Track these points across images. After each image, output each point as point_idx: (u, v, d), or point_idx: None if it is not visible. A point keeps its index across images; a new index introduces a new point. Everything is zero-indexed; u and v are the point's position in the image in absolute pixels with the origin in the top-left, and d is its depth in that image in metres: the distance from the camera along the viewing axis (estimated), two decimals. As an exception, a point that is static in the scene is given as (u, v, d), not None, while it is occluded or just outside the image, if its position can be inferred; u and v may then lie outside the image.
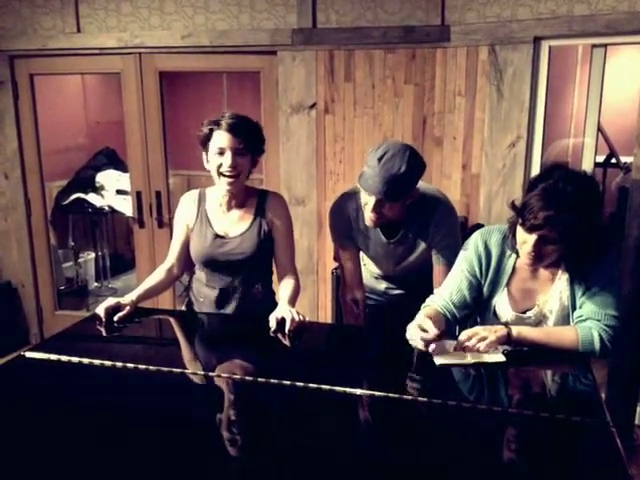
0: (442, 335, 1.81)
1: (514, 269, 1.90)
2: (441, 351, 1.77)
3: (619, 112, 4.63)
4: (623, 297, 1.83)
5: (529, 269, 1.86)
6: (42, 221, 4.05)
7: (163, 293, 2.57)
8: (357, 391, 1.60)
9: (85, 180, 4.97)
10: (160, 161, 3.75)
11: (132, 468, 1.28)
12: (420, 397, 1.57)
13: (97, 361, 1.77)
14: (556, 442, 1.39)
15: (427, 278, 2.26)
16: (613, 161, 4.42)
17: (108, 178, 4.98)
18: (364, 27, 3.25)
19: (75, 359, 1.78)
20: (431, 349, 1.78)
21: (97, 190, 4.95)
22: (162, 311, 2.92)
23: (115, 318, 2.05)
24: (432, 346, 1.79)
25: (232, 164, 2.08)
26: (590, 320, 1.76)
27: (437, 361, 1.73)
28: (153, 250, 3.86)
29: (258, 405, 1.62)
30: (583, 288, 1.80)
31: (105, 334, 2.03)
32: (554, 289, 1.85)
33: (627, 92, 4.61)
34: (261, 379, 1.65)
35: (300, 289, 2.29)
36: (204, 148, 2.16)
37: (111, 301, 2.09)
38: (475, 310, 2.02)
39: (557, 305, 1.85)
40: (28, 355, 1.84)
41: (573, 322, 1.82)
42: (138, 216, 3.85)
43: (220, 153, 2.09)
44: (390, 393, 1.56)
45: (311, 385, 1.60)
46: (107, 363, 1.76)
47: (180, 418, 1.48)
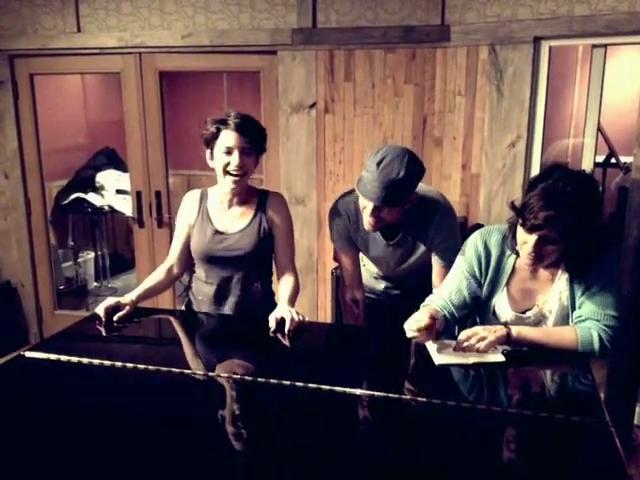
0: (439, 333, 1.81)
1: (514, 269, 1.90)
2: (441, 351, 1.77)
3: (619, 112, 4.63)
4: (623, 297, 1.83)
5: (529, 269, 1.86)
6: (42, 221, 4.05)
7: (163, 293, 2.57)
8: (357, 391, 1.60)
9: (85, 180, 4.97)
10: (160, 161, 3.75)
11: (132, 468, 1.28)
12: (419, 397, 1.57)
13: (97, 361, 1.77)
14: (555, 442, 1.39)
15: (427, 279, 2.25)
16: (613, 161, 4.41)
17: (108, 178, 4.98)
18: (364, 27, 3.25)
19: (75, 359, 1.79)
20: (431, 350, 1.78)
21: (97, 190, 4.95)
22: (162, 311, 2.92)
23: (115, 318, 2.06)
24: (431, 346, 1.79)
25: (240, 163, 2.11)
26: (589, 320, 1.77)
27: (436, 361, 1.73)
28: (153, 250, 3.86)
29: (257, 405, 1.62)
30: (582, 288, 1.80)
31: (105, 334, 2.03)
32: (553, 289, 1.85)
33: (627, 92, 4.60)
34: (261, 379, 1.66)
35: (300, 288, 2.29)
36: (208, 146, 2.16)
37: (111, 301, 2.10)
38: (474, 310, 2.02)
39: (556, 305, 1.85)
40: (28, 355, 1.84)
41: (572, 322, 1.82)
42: (138, 216, 3.85)
43: (228, 152, 2.11)
44: (390, 393, 1.57)
45: (311, 385, 1.60)
46: (107, 363, 1.76)
47: (179, 418, 1.48)
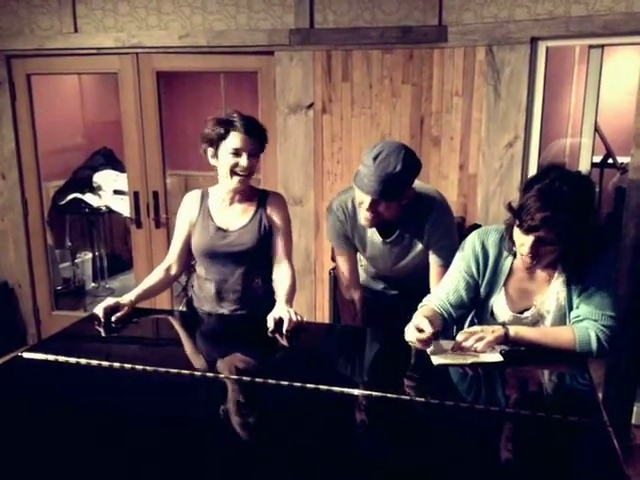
0: (438, 334, 1.81)
1: (511, 269, 1.90)
2: (439, 351, 1.77)
3: (616, 112, 4.64)
4: (620, 297, 1.83)
5: (526, 270, 1.87)
6: (39, 221, 4.04)
7: (161, 294, 2.57)
8: (355, 391, 1.60)
9: (82, 180, 4.96)
10: (157, 161, 3.75)
11: (130, 468, 1.28)
12: (418, 397, 1.57)
13: (95, 361, 1.76)
14: (553, 442, 1.39)
15: (425, 279, 2.26)
16: (610, 161, 4.42)
17: (105, 178, 4.97)
18: (361, 27, 3.25)
19: (72, 360, 1.78)
20: (429, 351, 1.78)
21: (94, 190, 4.94)
22: (160, 311, 2.92)
23: (113, 318, 2.06)
24: (430, 348, 1.80)
25: (248, 165, 2.16)
26: (587, 320, 1.77)
27: (435, 361, 1.73)
28: (150, 250, 3.86)
29: (256, 406, 1.62)
30: (580, 288, 1.80)
31: (103, 334, 2.03)
32: (551, 289, 1.86)
33: (624, 93, 4.61)
34: (259, 379, 1.65)
35: (296, 282, 2.29)
36: (212, 146, 2.18)
37: (110, 301, 2.10)
38: (472, 310, 2.02)
39: (554, 305, 1.85)
40: (25, 356, 1.84)
41: (570, 322, 1.83)
42: (135, 216, 3.85)
43: (236, 154, 2.15)
44: (388, 393, 1.57)
45: (309, 385, 1.60)
46: (105, 363, 1.76)
47: (177, 418, 1.48)
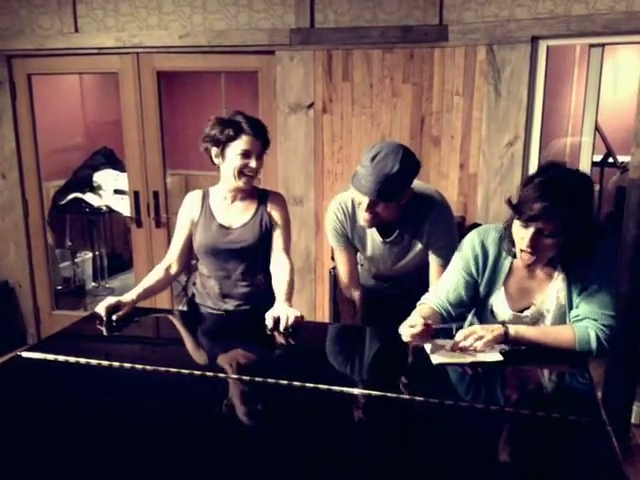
0: (434, 333, 1.81)
1: (511, 268, 1.90)
2: (438, 350, 1.77)
3: (617, 111, 4.64)
4: (620, 296, 1.83)
5: (526, 268, 1.87)
6: (39, 221, 4.05)
7: (161, 293, 2.58)
8: (354, 391, 1.60)
9: (83, 180, 4.96)
10: (158, 161, 3.75)
11: (129, 468, 1.28)
12: (417, 397, 1.57)
13: (94, 361, 1.76)
14: (552, 441, 1.39)
15: (425, 278, 2.25)
16: (610, 160, 4.42)
17: (106, 178, 4.97)
18: (362, 27, 3.25)
19: (72, 359, 1.78)
20: (428, 350, 1.78)
21: (95, 190, 4.94)
22: (160, 310, 2.93)
23: (114, 317, 2.06)
24: (429, 345, 1.80)
25: (257, 166, 2.21)
26: (587, 320, 1.77)
27: (434, 360, 1.73)
28: (151, 250, 3.86)
29: (255, 405, 1.62)
30: (580, 287, 1.80)
31: (103, 334, 2.03)
32: (551, 288, 1.85)
33: (624, 91, 4.61)
34: (258, 379, 1.65)
35: (295, 277, 2.31)
36: (218, 146, 2.20)
37: (111, 300, 2.10)
38: (471, 308, 2.02)
39: (554, 304, 1.85)
40: (25, 355, 1.84)
41: (570, 321, 1.82)
42: (136, 216, 3.85)
43: (244, 155, 2.18)
44: (387, 393, 1.57)
45: (308, 385, 1.60)
46: (104, 363, 1.76)
47: (177, 417, 1.48)
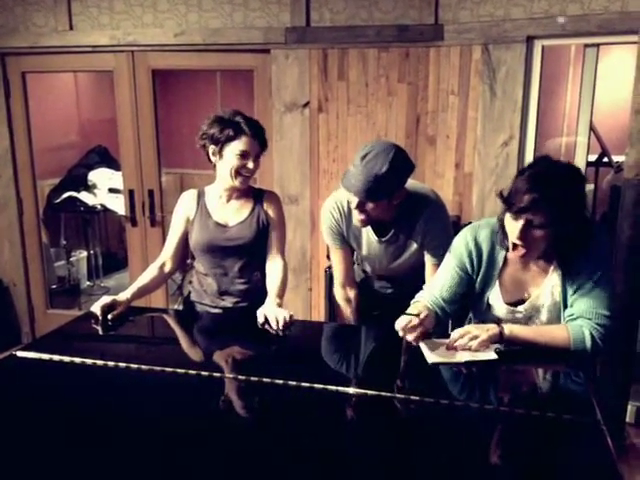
0: (426, 322, 1.83)
1: (505, 261, 1.90)
2: (433, 349, 1.78)
3: (611, 111, 4.65)
4: (615, 296, 1.84)
5: (520, 260, 1.87)
6: (34, 220, 4.03)
7: (156, 292, 2.57)
8: (350, 390, 1.60)
9: (77, 178, 4.95)
10: (153, 159, 3.74)
11: (125, 468, 1.27)
12: (412, 396, 1.57)
13: (89, 360, 1.76)
14: (547, 440, 1.39)
15: (421, 277, 2.26)
16: (605, 160, 4.43)
17: (100, 176, 4.96)
18: (358, 26, 3.25)
19: (67, 358, 1.78)
20: (423, 349, 1.78)
21: (89, 188, 4.93)
22: (156, 310, 2.92)
23: (109, 316, 2.06)
24: (424, 344, 1.80)
25: (254, 167, 2.22)
26: (581, 319, 1.77)
27: (429, 360, 1.74)
28: (145, 249, 3.85)
29: (251, 404, 1.62)
30: (575, 286, 1.80)
31: (98, 333, 2.02)
32: (546, 283, 1.86)
33: (619, 91, 4.62)
34: (254, 378, 1.65)
35: (288, 276, 2.35)
36: (216, 145, 2.20)
37: (107, 299, 2.10)
38: (464, 305, 2.02)
39: (549, 300, 1.85)
40: (19, 354, 1.83)
41: (564, 320, 1.83)
42: (130, 215, 3.84)
43: (242, 156, 2.19)
44: (382, 392, 1.57)
45: (304, 384, 1.60)
46: (99, 363, 1.76)
47: (173, 417, 1.48)
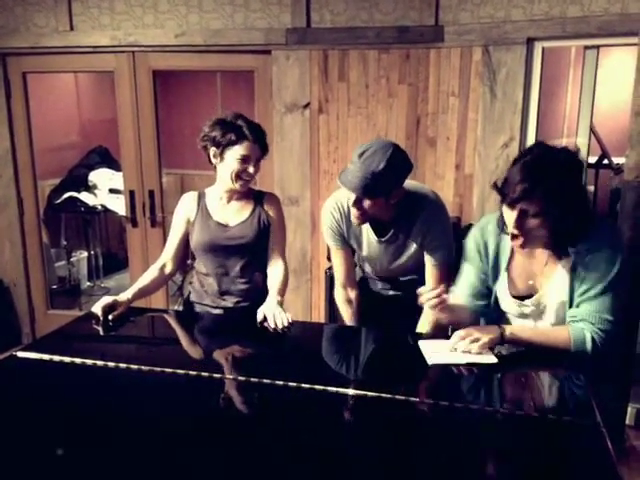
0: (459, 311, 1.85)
1: (512, 251, 1.90)
2: (434, 351, 1.78)
3: (611, 113, 4.66)
4: (621, 300, 1.83)
5: (524, 251, 1.86)
6: (34, 220, 4.03)
7: (156, 292, 2.58)
8: (350, 391, 1.60)
9: (78, 179, 4.95)
10: (153, 160, 3.74)
11: (124, 468, 1.28)
12: (412, 397, 1.57)
13: (90, 361, 1.76)
14: (546, 442, 1.39)
15: (421, 279, 2.26)
16: (605, 162, 4.43)
17: (101, 177, 4.96)
18: (358, 27, 3.25)
19: (67, 359, 1.78)
20: (424, 351, 1.79)
21: (90, 189, 4.93)
22: (156, 310, 2.92)
23: (110, 317, 2.06)
24: (425, 346, 1.80)
25: (255, 171, 2.23)
26: (584, 322, 1.77)
27: (430, 361, 1.74)
28: (146, 249, 3.85)
29: (250, 405, 1.62)
30: (584, 288, 1.78)
31: (99, 333, 2.02)
32: (553, 280, 1.84)
33: (619, 93, 4.63)
34: (254, 379, 1.65)
35: (289, 276, 2.36)
36: (218, 147, 2.21)
37: (107, 299, 2.10)
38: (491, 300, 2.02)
39: (555, 298, 1.84)
40: (20, 355, 1.83)
41: (567, 319, 1.82)
42: (131, 215, 3.84)
43: (243, 160, 2.20)
44: (383, 393, 1.57)
45: (304, 385, 1.60)
46: (100, 363, 1.76)
47: (173, 418, 1.48)
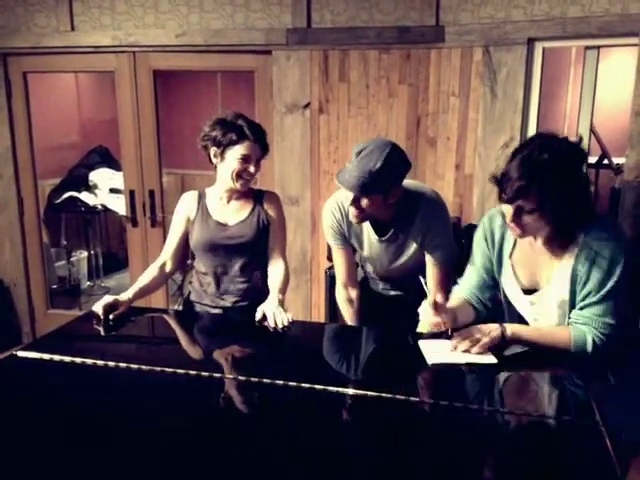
0: (452, 325, 1.83)
1: (515, 242, 1.90)
2: (434, 351, 1.78)
3: (612, 113, 4.66)
4: (623, 303, 1.82)
5: (526, 241, 1.86)
6: (35, 220, 4.03)
7: (156, 293, 2.58)
8: (350, 391, 1.60)
9: (78, 178, 4.95)
10: (154, 160, 3.74)
11: (125, 468, 1.28)
12: (412, 397, 1.58)
13: (90, 361, 1.76)
14: (546, 442, 1.40)
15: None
16: (606, 162, 4.44)
17: (101, 177, 4.97)
18: (359, 27, 3.25)
19: (67, 358, 1.78)
20: (424, 350, 1.79)
21: (90, 189, 4.93)
22: (156, 310, 2.92)
23: (111, 316, 2.07)
24: (425, 345, 1.80)
25: (256, 171, 2.24)
26: (587, 326, 1.76)
27: (430, 361, 1.74)
28: (146, 249, 3.85)
29: (251, 405, 1.62)
30: (586, 291, 1.76)
31: (99, 333, 2.03)
32: (555, 280, 1.82)
33: (619, 94, 4.63)
34: (254, 379, 1.65)
35: (289, 275, 2.36)
36: (218, 147, 2.21)
37: (108, 299, 2.10)
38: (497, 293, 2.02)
39: (558, 296, 1.82)
40: (20, 354, 1.84)
41: (569, 320, 1.82)
42: (131, 215, 3.84)
43: (244, 160, 2.20)
44: (383, 393, 1.57)
45: (304, 385, 1.60)
46: (100, 363, 1.76)
47: (173, 417, 1.48)
